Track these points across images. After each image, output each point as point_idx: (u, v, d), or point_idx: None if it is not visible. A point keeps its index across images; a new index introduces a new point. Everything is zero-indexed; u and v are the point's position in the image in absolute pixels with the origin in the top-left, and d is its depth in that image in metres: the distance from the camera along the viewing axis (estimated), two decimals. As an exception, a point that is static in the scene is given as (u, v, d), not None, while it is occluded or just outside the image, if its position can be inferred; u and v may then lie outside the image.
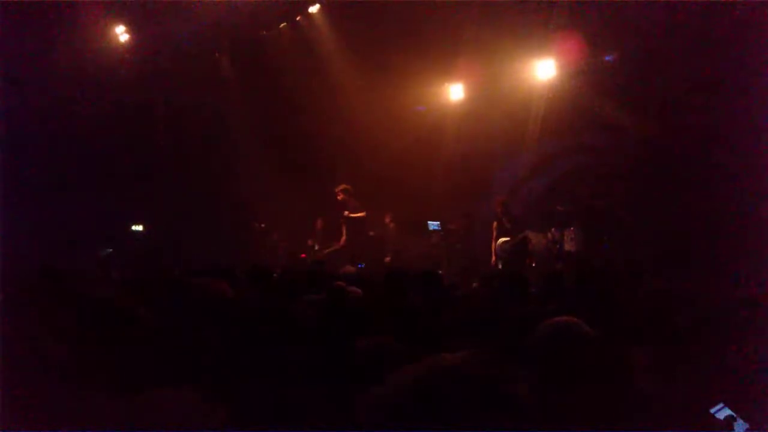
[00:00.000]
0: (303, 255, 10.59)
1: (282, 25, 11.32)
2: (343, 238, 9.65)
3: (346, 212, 9.49)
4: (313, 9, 10.82)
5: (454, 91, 10.53)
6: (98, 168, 10.47)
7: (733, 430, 1.57)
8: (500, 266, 8.85)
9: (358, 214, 9.43)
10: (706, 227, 6.91)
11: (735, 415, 1.57)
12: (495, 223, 9.07)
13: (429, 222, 10.64)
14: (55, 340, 1.65)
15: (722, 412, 1.59)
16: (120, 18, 10.76)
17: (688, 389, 1.76)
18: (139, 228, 11.82)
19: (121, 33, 10.88)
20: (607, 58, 8.80)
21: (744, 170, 6.51)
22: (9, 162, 7.86)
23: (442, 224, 10.46)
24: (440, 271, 6.62)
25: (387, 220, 10.55)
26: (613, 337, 2.03)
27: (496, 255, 9.04)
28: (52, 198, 9.53)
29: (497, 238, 9.03)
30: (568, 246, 8.71)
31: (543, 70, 9.23)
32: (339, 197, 9.46)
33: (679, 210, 7.53)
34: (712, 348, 2.06)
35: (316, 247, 10.54)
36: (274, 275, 4.72)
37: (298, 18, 11.11)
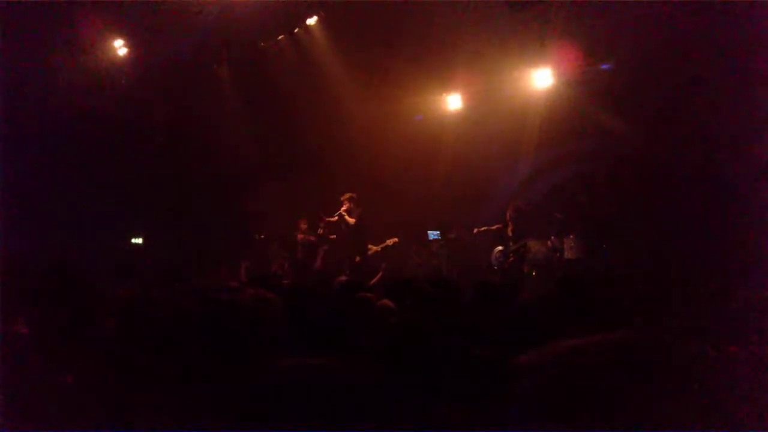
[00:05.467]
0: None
1: (280, 37, 11.39)
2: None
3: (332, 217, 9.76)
4: (311, 21, 10.89)
5: (452, 101, 10.58)
6: (97, 180, 10.52)
7: None
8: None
9: (350, 220, 9.57)
10: (707, 232, 6.92)
11: None
12: (498, 225, 9.02)
13: (429, 231, 10.67)
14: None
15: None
16: (118, 32, 10.84)
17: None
18: (139, 240, 11.91)
19: (120, 46, 10.98)
20: (604, 66, 8.85)
21: (744, 174, 6.52)
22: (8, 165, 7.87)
23: (441, 233, 10.48)
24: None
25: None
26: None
27: (493, 261, 9.04)
28: (50, 206, 9.57)
29: (498, 243, 9.02)
30: (569, 254, 8.71)
31: (540, 79, 9.28)
32: (345, 206, 9.60)
33: (678, 216, 7.54)
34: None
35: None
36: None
37: (296, 30, 11.18)
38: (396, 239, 9.88)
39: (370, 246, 9.80)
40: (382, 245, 9.84)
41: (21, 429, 1.21)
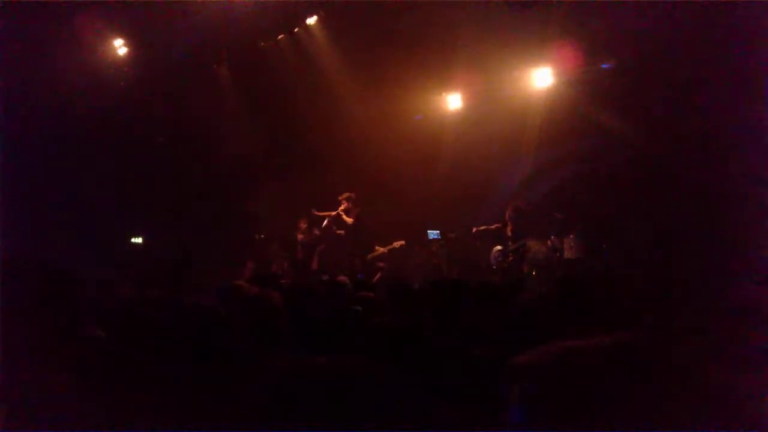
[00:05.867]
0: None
1: (280, 36, 11.40)
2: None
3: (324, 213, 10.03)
4: (311, 21, 10.89)
5: (452, 101, 10.58)
6: (96, 179, 10.52)
7: None
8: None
9: (348, 219, 9.67)
10: (706, 232, 6.92)
11: None
12: (497, 225, 9.02)
13: (429, 231, 10.66)
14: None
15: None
16: (118, 31, 10.85)
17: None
18: (139, 240, 11.93)
19: (119, 46, 11.00)
20: (604, 66, 8.85)
21: (744, 174, 6.52)
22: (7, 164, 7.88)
23: (441, 233, 10.48)
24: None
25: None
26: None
27: (491, 261, 9.06)
28: (49, 206, 9.59)
29: (497, 243, 9.04)
30: (569, 254, 8.71)
31: (540, 78, 9.28)
32: (343, 205, 9.74)
33: (678, 216, 7.54)
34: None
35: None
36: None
37: (296, 29, 11.19)
38: (403, 242, 9.93)
39: (376, 247, 9.86)
40: (389, 247, 9.88)
41: (21, 429, 1.22)
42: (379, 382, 1.84)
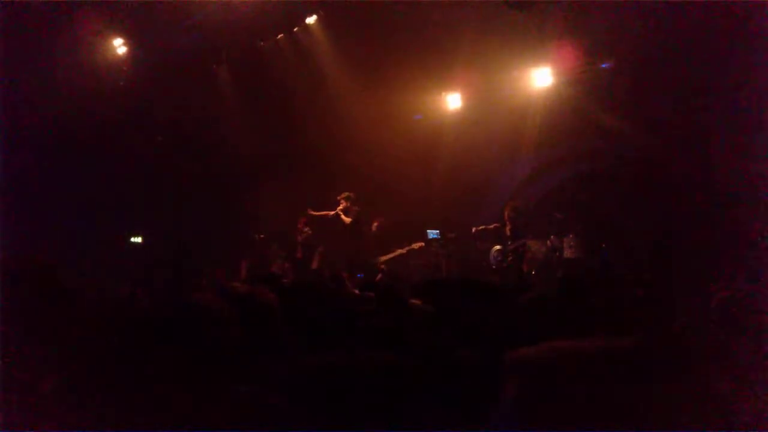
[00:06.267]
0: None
1: (280, 36, 11.40)
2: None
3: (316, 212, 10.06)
4: (311, 20, 10.90)
5: (452, 100, 10.58)
6: (96, 179, 10.54)
7: None
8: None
9: (347, 219, 9.68)
10: (706, 231, 6.92)
11: None
12: (496, 225, 9.04)
13: (428, 231, 10.66)
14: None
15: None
16: (118, 30, 10.85)
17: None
18: (138, 239, 11.95)
19: (119, 45, 11.00)
20: (603, 66, 8.85)
21: (744, 174, 6.52)
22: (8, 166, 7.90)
23: (441, 233, 10.48)
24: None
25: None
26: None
27: (491, 261, 9.07)
28: (47, 206, 9.60)
29: (496, 242, 9.05)
30: (568, 253, 8.72)
31: (540, 78, 9.28)
32: (341, 205, 9.74)
33: (677, 215, 7.55)
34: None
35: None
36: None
37: (295, 29, 11.19)
38: (422, 243, 9.93)
39: (393, 248, 9.87)
40: (408, 248, 9.89)
41: (21, 429, 1.22)
42: (374, 381, 1.85)
